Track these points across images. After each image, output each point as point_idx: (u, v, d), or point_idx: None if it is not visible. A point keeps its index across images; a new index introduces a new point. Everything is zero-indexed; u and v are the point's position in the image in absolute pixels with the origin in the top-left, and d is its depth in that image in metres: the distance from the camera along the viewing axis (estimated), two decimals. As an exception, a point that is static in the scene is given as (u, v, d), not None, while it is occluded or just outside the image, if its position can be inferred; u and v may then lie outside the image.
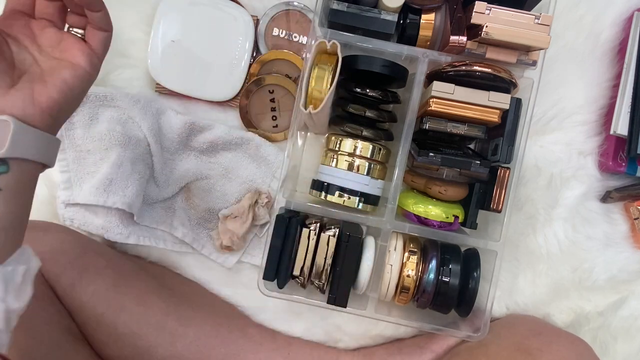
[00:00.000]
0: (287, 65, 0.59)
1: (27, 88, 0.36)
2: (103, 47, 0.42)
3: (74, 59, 0.39)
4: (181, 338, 0.53)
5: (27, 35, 0.39)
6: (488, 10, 0.45)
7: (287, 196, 0.53)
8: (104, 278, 0.53)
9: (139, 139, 0.57)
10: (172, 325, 0.54)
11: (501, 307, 0.62)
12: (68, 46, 0.40)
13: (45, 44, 0.40)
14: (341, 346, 0.62)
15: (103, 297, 0.52)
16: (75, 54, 0.40)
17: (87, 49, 0.40)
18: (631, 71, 0.57)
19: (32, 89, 0.37)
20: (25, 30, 0.39)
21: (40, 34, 0.40)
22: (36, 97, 0.37)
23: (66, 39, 0.40)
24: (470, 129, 0.50)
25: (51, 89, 0.37)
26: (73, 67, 0.39)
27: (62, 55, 0.40)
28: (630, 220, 0.61)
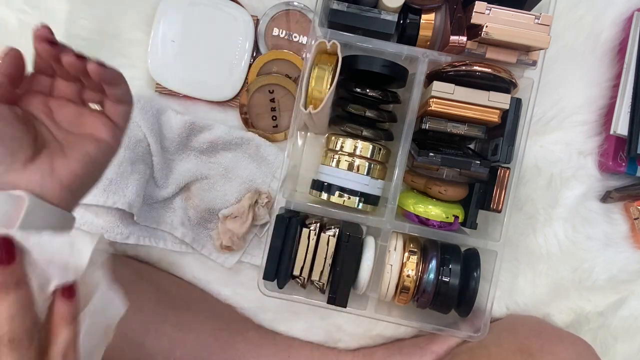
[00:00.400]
0: (287, 65, 0.59)
1: (47, 162, 0.35)
2: (124, 119, 0.41)
3: (95, 132, 0.38)
4: (180, 344, 0.53)
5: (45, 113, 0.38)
6: (488, 10, 0.45)
7: (287, 196, 0.53)
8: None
9: (139, 139, 0.57)
10: (170, 332, 0.53)
11: (501, 307, 0.62)
12: (88, 121, 0.39)
13: (63, 121, 0.39)
14: (341, 346, 0.62)
15: None
16: (96, 127, 0.39)
17: (108, 122, 0.39)
18: (631, 71, 0.57)
19: (52, 162, 0.35)
20: (43, 107, 0.38)
21: (58, 111, 0.39)
22: (57, 170, 0.35)
23: (85, 114, 0.39)
24: (470, 129, 0.50)
25: (73, 161, 0.36)
26: (95, 140, 0.38)
27: (83, 129, 0.39)
28: (630, 220, 0.61)
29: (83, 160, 0.37)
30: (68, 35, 0.57)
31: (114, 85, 0.38)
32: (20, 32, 0.59)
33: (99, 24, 0.58)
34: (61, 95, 0.40)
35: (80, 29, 0.58)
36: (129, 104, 0.41)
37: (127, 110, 0.41)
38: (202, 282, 0.62)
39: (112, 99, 0.39)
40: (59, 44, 0.37)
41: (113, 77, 0.38)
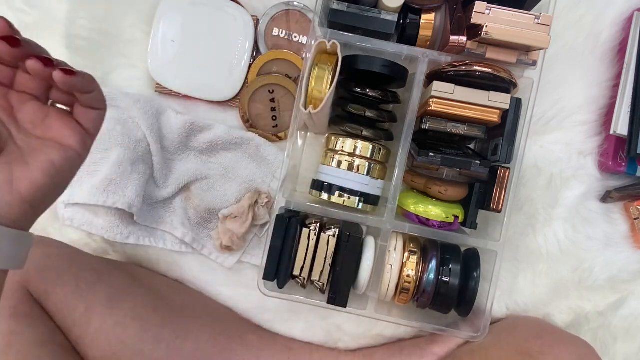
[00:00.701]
0: (287, 65, 0.59)
1: (5, 171, 0.31)
2: (96, 125, 0.36)
3: (62, 138, 0.34)
4: (178, 350, 0.53)
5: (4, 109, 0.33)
6: (488, 10, 0.45)
7: (287, 196, 0.53)
8: (97, 294, 0.51)
9: (139, 139, 0.57)
10: (168, 338, 0.53)
11: (501, 307, 0.62)
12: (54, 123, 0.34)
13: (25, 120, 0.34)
14: (341, 346, 0.62)
15: (97, 313, 0.50)
16: (63, 133, 0.34)
17: (77, 127, 0.34)
18: (631, 71, 0.57)
19: (11, 171, 0.31)
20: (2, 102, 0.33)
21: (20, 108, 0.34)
22: (16, 181, 0.31)
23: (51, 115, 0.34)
24: (470, 129, 0.50)
25: (35, 171, 0.32)
26: (61, 147, 0.33)
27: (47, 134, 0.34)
28: (630, 220, 0.61)
29: (46, 170, 0.32)
30: (68, 35, 0.57)
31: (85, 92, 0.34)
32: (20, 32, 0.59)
33: (99, 24, 0.58)
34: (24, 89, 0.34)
35: (80, 29, 0.58)
36: (102, 109, 0.36)
37: (99, 116, 0.36)
38: (202, 282, 0.62)
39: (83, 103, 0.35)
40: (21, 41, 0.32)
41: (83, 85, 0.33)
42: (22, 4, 0.58)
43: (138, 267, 0.61)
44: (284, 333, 0.62)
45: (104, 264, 0.57)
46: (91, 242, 0.61)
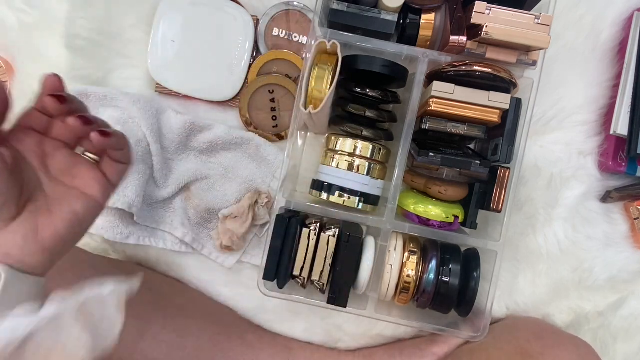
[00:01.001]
0: (287, 65, 0.59)
1: (31, 220, 0.32)
2: (120, 178, 0.38)
3: (86, 188, 0.35)
4: (179, 351, 0.53)
5: (37, 155, 0.35)
6: (488, 10, 0.45)
7: (287, 196, 0.53)
8: None
9: (138, 139, 0.57)
10: (169, 338, 0.53)
11: (501, 307, 0.62)
12: (81, 173, 0.36)
13: (55, 167, 0.35)
14: (341, 346, 0.62)
15: None
16: (88, 183, 0.35)
17: (102, 179, 0.36)
18: (631, 71, 0.57)
19: (36, 220, 0.32)
20: (36, 149, 0.35)
21: (52, 155, 0.35)
22: (40, 231, 0.32)
23: (80, 164, 0.36)
24: (470, 129, 0.50)
25: (58, 221, 0.33)
26: (85, 197, 0.35)
27: (73, 182, 0.35)
28: (630, 220, 0.61)
29: (69, 220, 0.34)
30: (68, 35, 0.57)
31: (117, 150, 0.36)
32: (20, 32, 0.59)
33: (99, 24, 0.58)
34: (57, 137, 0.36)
35: (80, 29, 0.58)
36: (128, 164, 0.38)
37: (124, 170, 0.38)
38: (202, 282, 0.62)
39: (112, 157, 0.37)
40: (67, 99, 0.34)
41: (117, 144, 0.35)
42: (22, 4, 0.58)
43: (138, 266, 0.61)
44: (284, 333, 0.62)
45: (105, 263, 0.57)
46: (91, 242, 0.61)
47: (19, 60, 0.60)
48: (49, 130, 0.36)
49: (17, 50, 0.60)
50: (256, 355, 0.57)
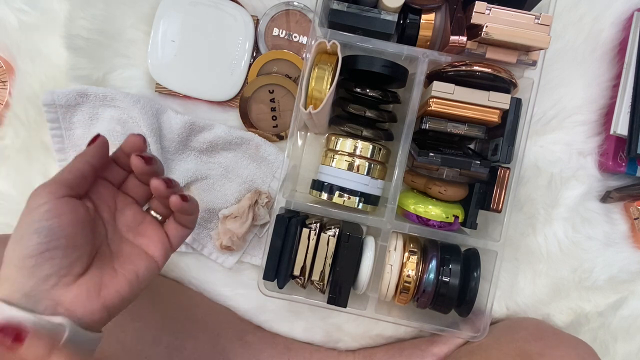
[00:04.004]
0: (287, 65, 0.59)
1: (96, 278, 0.32)
2: (180, 242, 0.38)
3: (150, 248, 0.36)
4: (178, 352, 0.52)
5: (110, 209, 0.36)
6: (488, 10, 0.45)
7: (287, 196, 0.53)
8: None
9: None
10: (168, 339, 0.52)
11: (501, 307, 0.62)
12: (147, 232, 0.37)
13: (122, 222, 0.36)
14: (341, 346, 0.62)
15: None
16: (153, 243, 0.36)
17: (166, 241, 0.37)
18: (631, 71, 0.57)
19: (101, 278, 0.33)
20: (110, 202, 0.36)
21: (122, 210, 0.36)
22: (104, 289, 0.33)
23: (146, 222, 0.37)
24: (470, 129, 0.50)
25: (121, 281, 0.34)
26: (147, 258, 0.36)
27: (138, 239, 0.36)
28: (630, 220, 0.61)
29: (130, 280, 0.34)
30: (68, 35, 0.57)
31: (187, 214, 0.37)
32: (20, 32, 0.59)
33: (99, 24, 0.58)
34: (130, 192, 0.37)
35: (80, 29, 0.58)
36: (191, 230, 0.39)
37: (187, 234, 0.39)
38: (202, 283, 0.62)
39: (178, 220, 0.37)
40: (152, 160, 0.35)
41: (191, 209, 0.36)
42: (22, 4, 0.58)
43: None
44: (284, 333, 0.62)
45: None
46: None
47: (19, 60, 0.60)
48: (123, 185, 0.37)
49: (17, 50, 0.60)
50: (256, 355, 0.57)
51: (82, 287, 0.32)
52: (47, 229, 0.30)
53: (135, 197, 0.37)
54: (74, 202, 0.32)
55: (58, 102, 0.56)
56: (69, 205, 0.31)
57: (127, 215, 0.36)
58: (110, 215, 0.36)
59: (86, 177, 0.33)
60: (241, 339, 0.57)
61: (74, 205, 0.32)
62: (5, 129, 0.60)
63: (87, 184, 0.34)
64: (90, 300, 0.32)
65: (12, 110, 0.60)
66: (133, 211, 0.37)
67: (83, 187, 0.33)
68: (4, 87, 0.60)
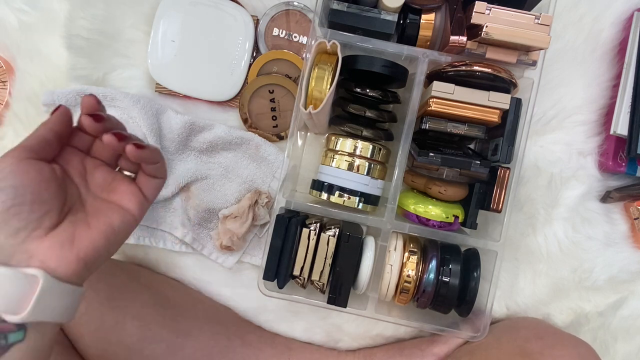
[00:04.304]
0: (287, 65, 0.59)
1: (69, 230, 0.34)
2: (154, 193, 0.40)
3: (123, 202, 0.37)
4: (178, 350, 0.53)
5: (79, 172, 0.37)
6: (488, 10, 0.45)
7: (287, 196, 0.53)
8: (97, 292, 0.51)
9: (139, 139, 0.57)
10: (168, 337, 0.53)
11: (501, 307, 0.62)
12: (118, 188, 0.38)
13: (94, 183, 0.38)
14: (341, 346, 0.62)
15: (97, 312, 0.50)
16: (126, 197, 0.38)
17: (139, 193, 0.38)
18: (631, 71, 0.57)
19: (74, 231, 0.34)
20: (78, 166, 0.37)
21: (92, 172, 0.38)
22: (77, 241, 0.34)
23: (117, 180, 0.38)
24: (470, 129, 0.50)
25: (95, 233, 0.35)
26: (121, 210, 0.37)
27: (111, 196, 0.38)
28: (630, 220, 0.61)
29: (105, 232, 0.35)
30: (68, 35, 0.57)
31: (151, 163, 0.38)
32: (20, 32, 0.59)
33: (99, 24, 0.58)
34: (98, 155, 0.39)
35: (80, 29, 0.58)
36: (163, 178, 0.40)
37: (159, 184, 0.40)
38: (202, 283, 0.62)
39: (146, 172, 0.39)
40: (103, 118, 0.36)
41: (151, 157, 0.37)
42: (22, 4, 0.58)
43: (138, 266, 0.61)
44: (284, 333, 0.62)
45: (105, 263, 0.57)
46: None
47: (19, 60, 0.60)
48: (91, 150, 0.38)
49: (17, 50, 0.60)
50: (256, 355, 0.57)
51: (54, 239, 0.33)
52: (11, 186, 0.31)
53: (104, 159, 0.39)
54: (38, 163, 0.33)
55: (58, 102, 0.56)
56: (31, 165, 0.33)
57: (97, 176, 0.38)
58: (80, 179, 0.37)
59: (49, 142, 0.35)
60: (241, 338, 0.58)
61: (36, 165, 0.33)
62: (5, 129, 0.60)
63: (51, 149, 0.35)
64: (64, 251, 0.33)
65: (12, 110, 0.60)
66: (103, 172, 0.38)
67: (47, 151, 0.35)
68: (4, 87, 0.60)
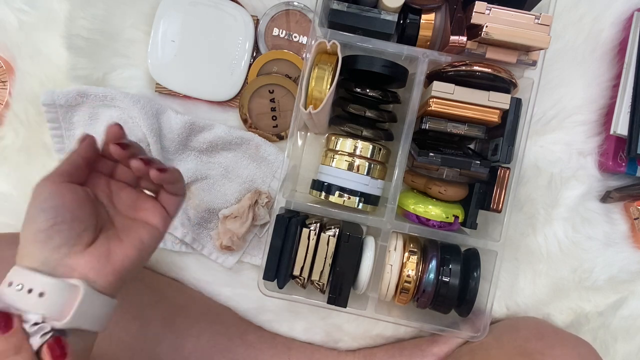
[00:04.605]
0: (287, 65, 0.59)
1: (104, 245, 0.37)
2: (176, 209, 0.43)
3: (149, 219, 0.41)
4: (179, 351, 0.53)
5: (106, 194, 0.41)
6: (488, 10, 0.45)
7: (287, 196, 0.53)
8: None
9: (139, 138, 0.57)
10: (169, 338, 0.53)
11: (501, 307, 0.62)
12: (143, 206, 0.41)
13: (121, 205, 0.41)
14: (341, 346, 0.62)
15: None
16: (151, 215, 0.41)
17: (162, 211, 0.42)
18: (631, 71, 0.57)
19: (109, 246, 0.37)
20: (105, 189, 0.41)
21: (117, 194, 0.41)
22: (112, 255, 0.37)
23: (141, 199, 0.42)
24: (470, 129, 0.50)
25: (128, 247, 0.38)
26: (148, 227, 0.40)
27: (138, 214, 0.41)
28: (630, 220, 0.61)
29: (137, 246, 0.38)
30: (68, 35, 0.57)
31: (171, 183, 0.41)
32: (20, 32, 0.59)
33: (99, 24, 0.58)
34: (121, 178, 0.42)
35: (80, 29, 0.58)
36: (182, 196, 0.43)
37: (179, 201, 0.43)
38: (202, 283, 0.62)
39: (167, 191, 0.42)
40: (129, 145, 0.39)
41: (172, 178, 0.40)
42: (22, 4, 0.58)
43: None
44: (284, 333, 0.62)
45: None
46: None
47: (19, 60, 0.60)
48: (114, 173, 0.42)
49: (17, 50, 0.60)
50: (256, 355, 0.57)
51: (92, 254, 0.36)
52: (52, 207, 0.35)
53: (127, 181, 0.42)
54: (72, 186, 0.37)
55: (58, 102, 0.56)
56: (68, 188, 0.36)
57: (123, 197, 0.41)
58: (108, 200, 0.41)
59: (80, 168, 0.38)
60: (241, 338, 0.58)
61: (73, 188, 0.37)
62: (5, 129, 0.60)
63: (82, 173, 0.39)
64: (101, 264, 0.36)
65: (12, 110, 0.60)
66: (127, 192, 0.42)
67: (79, 176, 0.38)
68: (4, 87, 0.60)
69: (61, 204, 0.35)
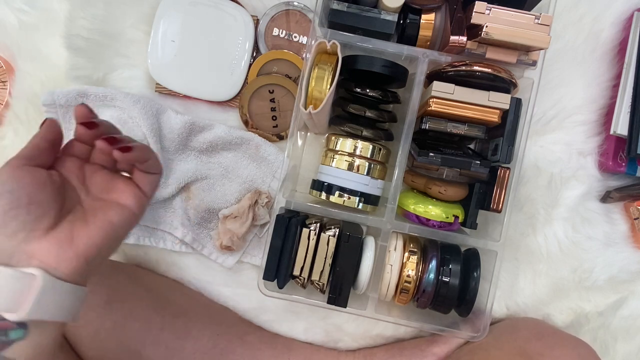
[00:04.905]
0: (287, 65, 0.59)
1: (67, 230, 0.35)
2: (152, 188, 0.41)
3: (121, 199, 0.39)
4: (178, 352, 0.53)
5: (78, 178, 0.39)
6: (488, 10, 0.45)
7: (287, 196, 0.53)
8: (96, 294, 0.51)
9: (139, 139, 0.57)
10: (168, 339, 0.53)
11: (501, 307, 0.62)
12: (117, 186, 0.40)
13: (94, 186, 0.39)
14: (341, 346, 0.62)
15: (96, 313, 0.50)
16: (123, 195, 0.39)
17: (137, 190, 0.40)
18: (631, 71, 0.57)
19: (72, 230, 0.35)
20: (78, 172, 0.39)
21: (91, 176, 0.40)
22: (76, 239, 0.35)
23: (115, 179, 0.40)
24: (470, 129, 0.50)
25: (93, 229, 0.36)
26: (120, 207, 0.38)
27: (109, 195, 0.39)
28: (630, 220, 0.61)
29: (104, 228, 0.36)
30: (68, 35, 0.57)
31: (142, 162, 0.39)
32: (20, 32, 0.59)
33: (99, 24, 0.58)
34: (97, 161, 0.41)
35: (80, 29, 0.58)
36: (158, 173, 0.41)
37: (155, 179, 0.41)
38: (202, 283, 0.62)
39: (140, 169, 0.40)
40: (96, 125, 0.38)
41: (139, 157, 0.38)
42: (22, 4, 0.58)
43: (138, 267, 0.61)
44: (284, 333, 0.62)
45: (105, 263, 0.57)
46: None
47: (19, 60, 0.60)
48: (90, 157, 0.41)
49: (17, 50, 0.60)
50: (256, 355, 0.57)
51: (52, 239, 0.34)
52: (8, 191, 0.33)
53: (102, 164, 0.41)
54: (33, 169, 0.35)
55: (58, 102, 0.56)
56: (26, 171, 0.34)
57: (96, 179, 0.40)
58: (80, 183, 0.39)
59: (42, 150, 0.36)
60: (241, 339, 0.58)
61: (32, 171, 0.35)
62: (5, 129, 0.60)
63: (45, 155, 0.37)
64: (63, 249, 0.34)
65: (12, 110, 0.60)
66: (101, 175, 0.40)
67: (42, 158, 0.36)
68: (4, 87, 0.60)
69: (17, 187, 0.33)
